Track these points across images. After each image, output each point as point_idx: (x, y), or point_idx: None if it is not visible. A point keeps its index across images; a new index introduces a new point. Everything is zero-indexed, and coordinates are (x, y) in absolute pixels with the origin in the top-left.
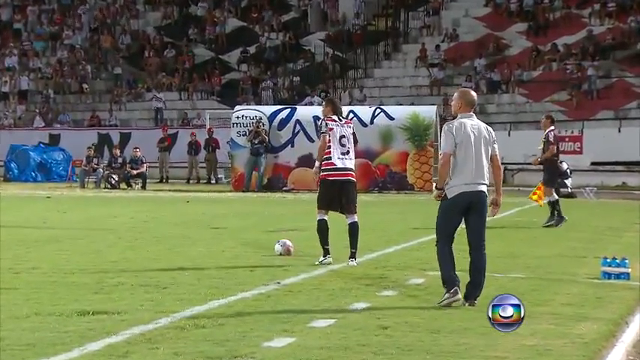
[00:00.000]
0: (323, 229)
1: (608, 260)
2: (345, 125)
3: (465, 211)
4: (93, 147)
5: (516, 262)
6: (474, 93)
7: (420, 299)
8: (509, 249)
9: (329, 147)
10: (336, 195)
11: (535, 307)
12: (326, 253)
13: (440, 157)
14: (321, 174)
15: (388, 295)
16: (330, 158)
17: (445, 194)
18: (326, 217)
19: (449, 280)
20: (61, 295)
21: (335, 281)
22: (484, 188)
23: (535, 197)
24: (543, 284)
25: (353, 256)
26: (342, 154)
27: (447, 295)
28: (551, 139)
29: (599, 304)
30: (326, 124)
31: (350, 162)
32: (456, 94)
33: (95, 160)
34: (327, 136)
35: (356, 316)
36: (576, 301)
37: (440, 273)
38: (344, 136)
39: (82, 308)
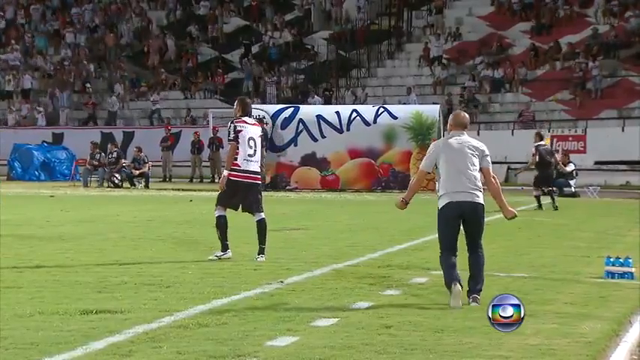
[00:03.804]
0: (222, 225)
1: (612, 259)
2: (254, 127)
3: (460, 217)
4: (96, 144)
5: (520, 261)
6: (465, 115)
7: (424, 298)
8: (513, 248)
9: (237, 148)
10: (238, 195)
11: (539, 307)
12: (225, 248)
13: (418, 171)
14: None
15: (391, 295)
16: (236, 159)
17: (438, 205)
18: (225, 214)
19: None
20: (65, 294)
21: (338, 280)
22: (478, 195)
23: None
24: (547, 283)
25: (262, 251)
26: (249, 155)
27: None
28: (533, 151)
29: (602, 303)
30: (234, 127)
31: (255, 164)
32: (450, 116)
33: (98, 157)
34: (236, 143)
35: (359, 315)
36: (580, 300)
37: (443, 279)
38: (252, 138)
39: (86, 307)
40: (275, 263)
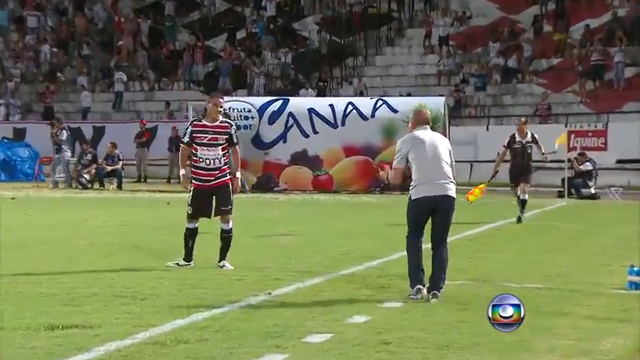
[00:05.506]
0: None
1: (636, 269)
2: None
3: (431, 210)
4: (59, 119)
5: (533, 270)
6: (427, 112)
7: (426, 311)
8: (526, 256)
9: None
10: None
11: (554, 321)
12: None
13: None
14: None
15: (391, 307)
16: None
17: (410, 195)
18: None
19: (413, 278)
20: (28, 308)
21: (332, 291)
22: (450, 188)
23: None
24: (563, 295)
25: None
26: None
27: (411, 291)
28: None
29: (625, 317)
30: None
31: None
32: (412, 114)
33: (61, 133)
34: None
35: (355, 330)
36: (600, 314)
37: (408, 267)
38: None
39: (51, 322)
40: (262, 273)
